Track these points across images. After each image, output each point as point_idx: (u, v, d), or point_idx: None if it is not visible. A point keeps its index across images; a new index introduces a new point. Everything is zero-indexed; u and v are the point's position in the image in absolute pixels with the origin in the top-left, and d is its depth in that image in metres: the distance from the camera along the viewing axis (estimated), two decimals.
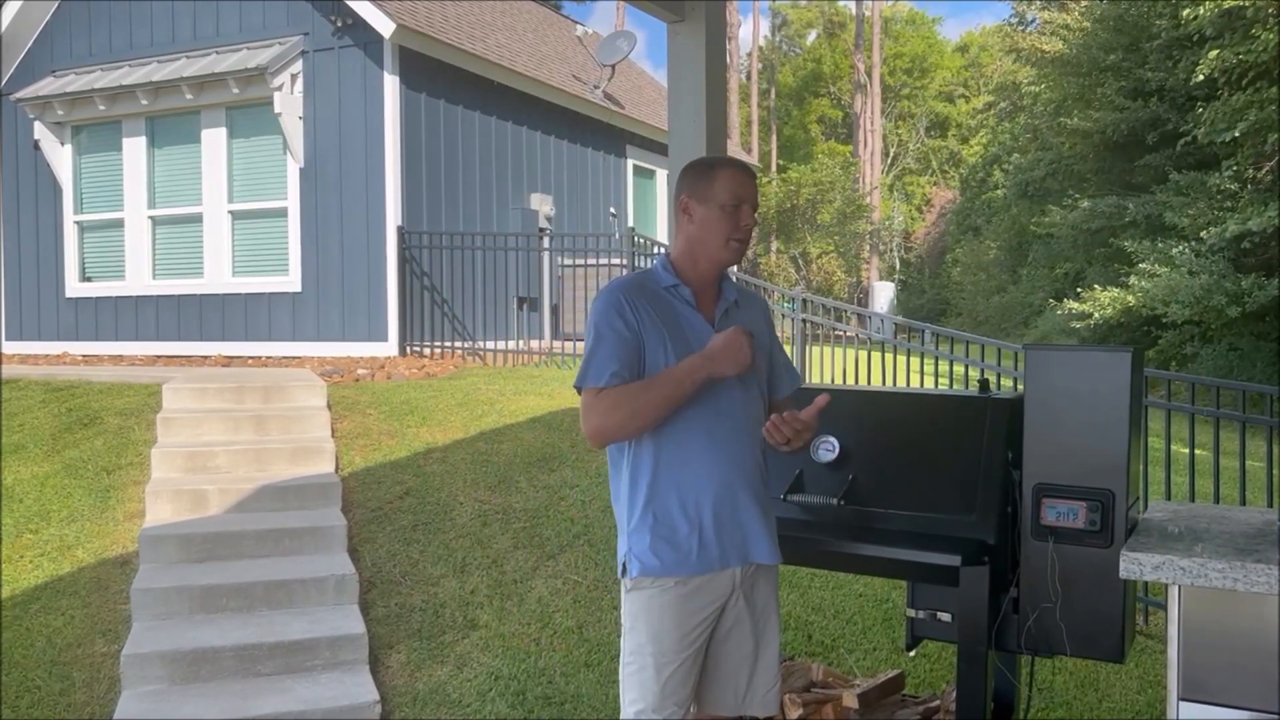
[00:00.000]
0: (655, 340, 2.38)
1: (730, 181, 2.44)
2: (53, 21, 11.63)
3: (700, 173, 2.49)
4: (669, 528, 2.38)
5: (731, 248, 2.46)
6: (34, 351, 11.59)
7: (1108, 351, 2.61)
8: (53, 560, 5.46)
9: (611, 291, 2.43)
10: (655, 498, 2.39)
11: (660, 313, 2.42)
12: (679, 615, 2.38)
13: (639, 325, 2.37)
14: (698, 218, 2.46)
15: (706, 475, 2.39)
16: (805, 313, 8.59)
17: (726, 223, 2.44)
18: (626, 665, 2.44)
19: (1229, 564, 2.04)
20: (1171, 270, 13.26)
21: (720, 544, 2.40)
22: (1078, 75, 17.55)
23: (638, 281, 2.47)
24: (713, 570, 2.40)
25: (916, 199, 40.65)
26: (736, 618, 2.47)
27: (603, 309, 2.40)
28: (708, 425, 2.40)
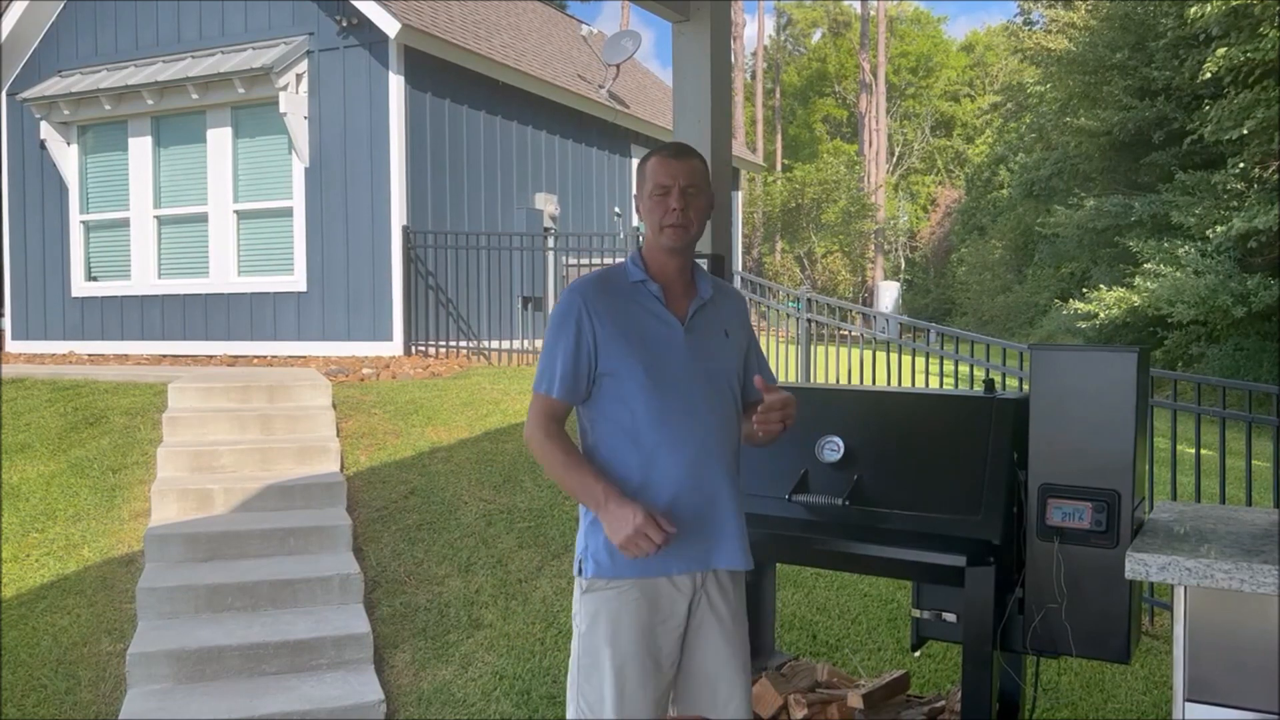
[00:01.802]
0: (612, 339, 2.33)
1: (657, 168, 2.40)
2: (59, 21, 11.65)
3: (639, 170, 2.46)
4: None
5: (666, 234, 2.39)
6: (40, 351, 11.62)
7: (1113, 351, 2.61)
8: (58, 559, 5.47)
9: (570, 293, 2.39)
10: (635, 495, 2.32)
11: (623, 312, 2.37)
12: (637, 618, 2.32)
13: (594, 329, 2.33)
14: (641, 210, 2.44)
15: (671, 475, 2.33)
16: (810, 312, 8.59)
17: (657, 209, 2.39)
18: (581, 668, 2.37)
19: (1235, 565, 2.03)
20: (1177, 270, 13.24)
21: (682, 546, 2.32)
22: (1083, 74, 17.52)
23: (601, 279, 2.43)
24: (671, 573, 2.34)
25: (922, 198, 40.60)
26: (704, 623, 2.40)
27: (560, 311, 2.38)
28: (673, 425, 2.34)
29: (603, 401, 2.37)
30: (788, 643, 4.67)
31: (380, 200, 9.88)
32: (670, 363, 2.36)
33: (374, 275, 9.94)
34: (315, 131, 10.13)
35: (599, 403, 2.37)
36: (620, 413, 2.35)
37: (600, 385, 2.36)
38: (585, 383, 2.36)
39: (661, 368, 2.35)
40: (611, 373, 2.34)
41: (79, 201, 11.53)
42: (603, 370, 2.35)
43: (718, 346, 2.45)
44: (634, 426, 2.34)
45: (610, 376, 2.35)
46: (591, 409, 2.39)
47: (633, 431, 2.34)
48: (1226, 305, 12.44)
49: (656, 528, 2.21)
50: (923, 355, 8.29)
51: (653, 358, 2.35)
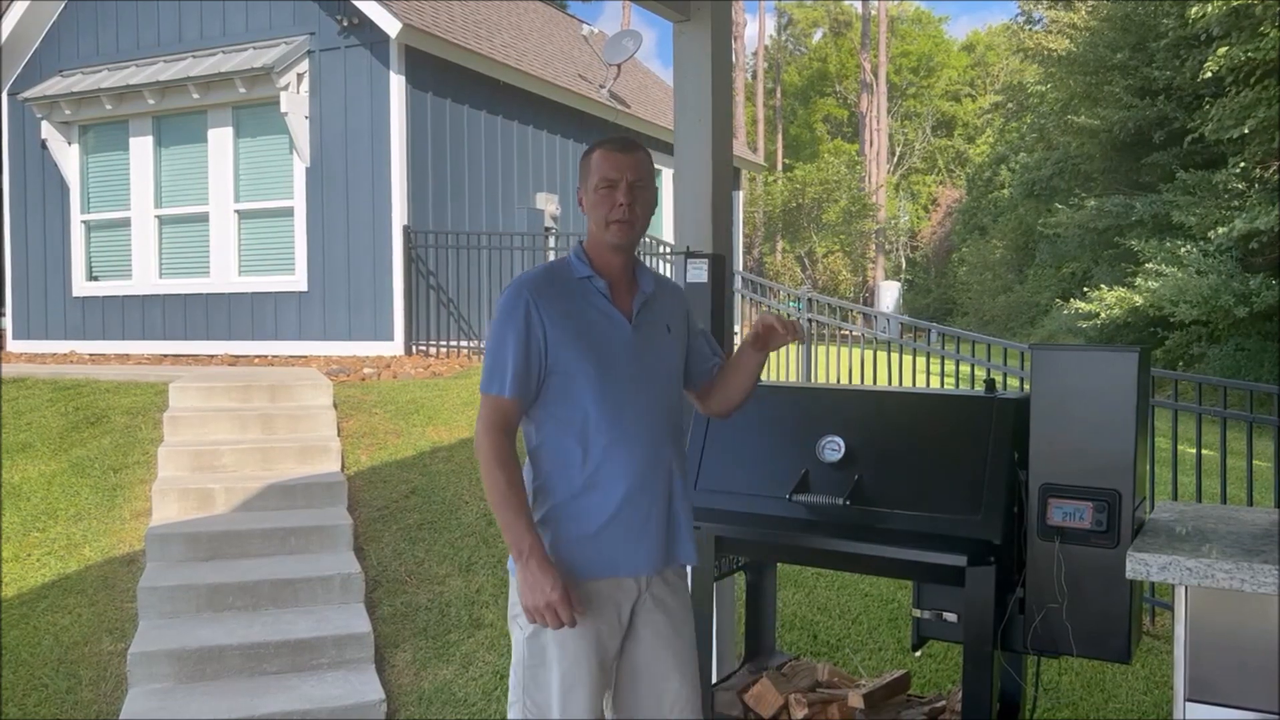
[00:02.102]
0: (561, 336, 2.27)
1: (602, 162, 2.33)
2: (60, 21, 11.66)
3: (583, 163, 2.39)
4: (576, 526, 2.30)
5: (611, 230, 2.33)
6: (41, 350, 11.63)
7: (1114, 351, 2.61)
8: (60, 559, 5.47)
9: (517, 288, 2.31)
10: (557, 495, 2.31)
11: (570, 308, 2.31)
12: (585, 619, 2.27)
13: (543, 326, 2.27)
14: (587, 205, 2.37)
15: (624, 475, 2.29)
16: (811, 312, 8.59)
17: (603, 204, 2.33)
18: (527, 669, 2.32)
19: (1236, 564, 2.03)
20: (1179, 270, 13.24)
21: (629, 549, 2.31)
22: (1084, 74, 17.52)
23: (547, 275, 2.36)
24: (617, 575, 2.32)
25: (923, 198, 40.59)
26: (649, 623, 2.37)
27: (506, 307, 2.30)
28: (626, 424, 2.30)
29: (551, 402, 2.31)
30: (788, 642, 4.67)
31: (381, 200, 9.88)
32: (620, 360, 2.32)
33: (375, 275, 9.95)
34: (316, 131, 10.13)
35: (546, 403, 2.31)
36: (569, 413, 2.30)
37: (548, 384, 2.30)
38: (535, 381, 2.28)
39: (611, 366, 2.31)
40: (561, 371, 2.28)
41: (80, 201, 11.54)
42: (552, 368, 2.28)
43: (662, 343, 2.43)
44: (584, 426, 2.29)
45: (559, 375, 2.29)
46: (539, 409, 2.32)
47: (583, 432, 2.29)
48: (1228, 305, 12.43)
49: (567, 609, 2.18)
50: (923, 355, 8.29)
51: (602, 355, 2.30)
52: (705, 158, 3.76)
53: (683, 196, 3.83)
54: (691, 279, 3.63)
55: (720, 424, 3.05)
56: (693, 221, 3.77)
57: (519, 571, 2.22)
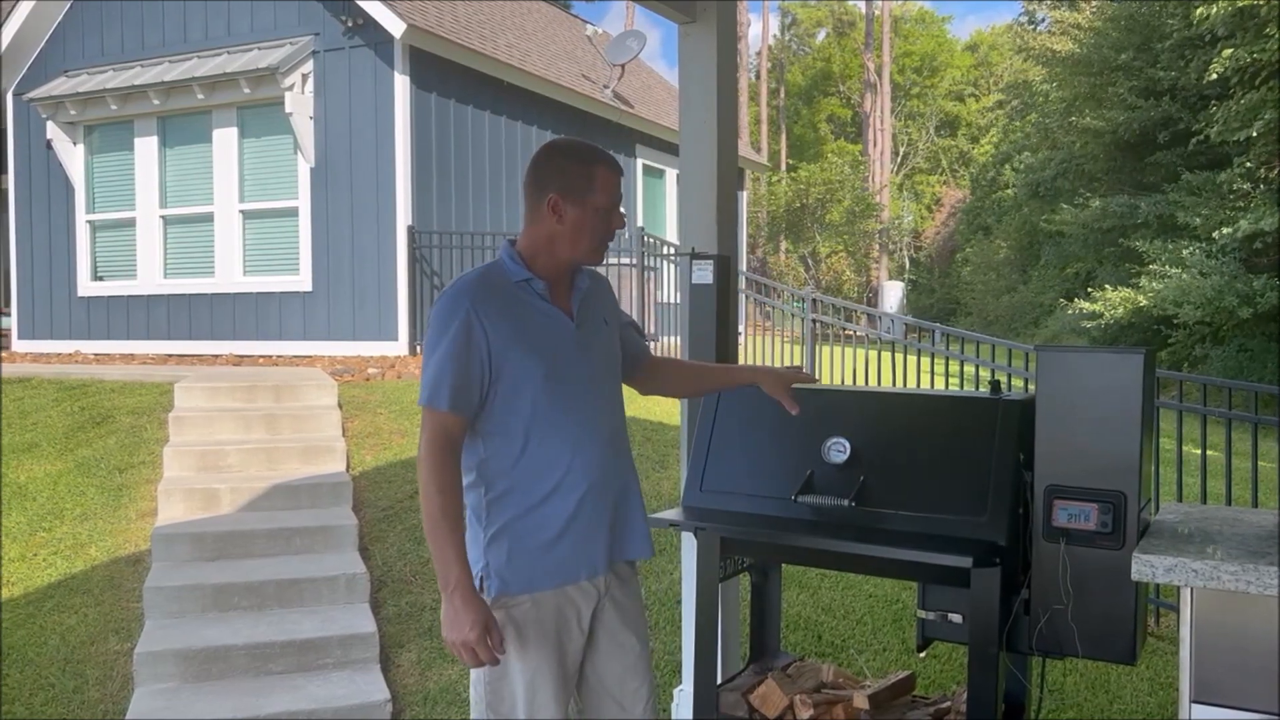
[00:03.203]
0: (506, 343, 2.20)
1: (609, 184, 2.28)
2: (65, 21, 11.68)
3: (577, 169, 2.27)
4: (533, 537, 2.24)
5: (597, 253, 2.31)
6: (46, 350, 11.65)
7: (1119, 353, 2.61)
8: (66, 558, 5.49)
9: (455, 296, 2.21)
10: (514, 507, 2.24)
11: (512, 313, 2.23)
12: (544, 629, 2.25)
13: (485, 334, 2.18)
14: (569, 219, 2.25)
15: (577, 479, 2.25)
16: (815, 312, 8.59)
17: (600, 228, 2.28)
18: (488, 680, 2.26)
19: (1241, 566, 2.04)
20: (1183, 271, 13.22)
21: (587, 551, 2.28)
22: (1089, 74, 17.51)
23: (483, 280, 2.25)
24: (578, 580, 2.28)
25: (926, 198, 40.57)
26: (608, 621, 2.36)
27: (443, 317, 2.19)
28: (578, 426, 2.26)
29: (499, 410, 2.23)
30: (793, 643, 4.68)
31: (385, 200, 9.90)
32: (567, 361, 2.27)
33: (379, 275, 9.96)
34: (321, 131, 10.15)
35: (494, 412, 2.23)
36: (518, 419, 2.23)
37: (495, 392, 2.22)
38: (478, 393, 2.20)
39: (559, 368, 2.25)
40: (507, 377, 2.21)
41: (85, 201, 11.56)
42: (497, 375, 2.20)
43: (602, 337, 2.40)
44: (534, 432, 2.23)
45: (506, 381, 2.21)
46: (486, 421, 2.24)
47: (533, 438, 2.23)
48: (1232, 306, 12.42)
49: (485, 649, 2.12)
50: (928, 356, 8.29)
51: (549, 359, 2.24)
52: (711, 159, 3.76)
53: (688, 198, 3.83)
54: (697, 280, 3.63)
55: (726, 425, 3.05)
56: (698, 223, 3.77)
57: (444, 604, 2.15)
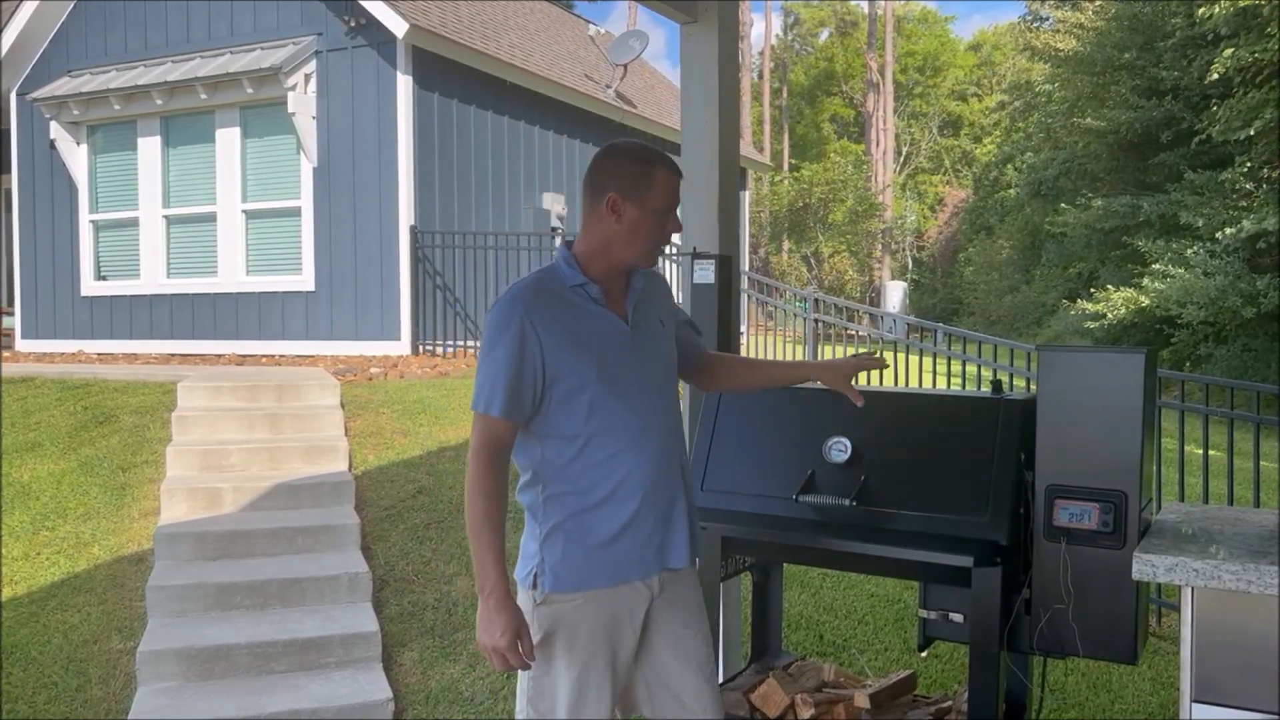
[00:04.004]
0: (560, 349, 2.19)
1: (668, 186, 2.27)
2: (68, 21, 11.70)
3: (638, 169, 2.26)
4: (587, 536, 2.24)
5: (652, 256, 2.30)
6: (50, 349, 11.67)
7: (1121, 352, 2.61)
8: (69, 557, 5.50)
9: (509, 302, 2.21)
10: (570, 506, 2.25)
11: (566, 318, 2.22)
12: (594, 629, 2.24)
13: (539, 340, 2.17)
14: (627, 219, 2.24)
15: (632, 480, 2.24)
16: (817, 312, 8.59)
17: (655, 231, 2.27)
18: (533, 677, 2.27)
19: (1242, 566, 2.04)
20: (1186, 271, 13.21)
21: (640, 552, 2.27)
22: (1091, 74, 17.49)
23: (538, 285, 2.25)
24: (631, 580, 2.28)
25: (929, 198, 40.55)
26: (665, 624, 2.35)
27: (498, 323, 2.19)
28: (632, 430, 2.25)
29: (554, 414, 2.22)
30: (795, 643, 4.68)
31: (388, 200, 9.91)
32: (621, 365, 2.26)
33: (382, 275, 9.97)
34: (323, 131, 10.16)
35: (548, 419, 2.23)
36: (575, 423, 2.22)
37: (550, 396, 2.21)
38: (530, 399, 2.19)
39: (614, 372, 2.24)
40: (562, 384, 2.20)
41: (88, 201, 11.58)
42: (551, 383, 2.19)
43: (658, 339, 2.39)
44: (590, 435, 2.22)
45: (560, 389, 2.20)
46: (542, 424, 2.24)
47: (589, 441, 2.23)
48: (1235, 306, 12.41)
49: (516, 655, 2.14)
50: (930, 355, 8.29)
51: (604, 363, 2.23)
52: (713, 159, 3.77)
53: (690, 197, 3.83)
54: (699, 280, 3.63)
55: (727, 425, 3.06)
56: (700, 222, 3.78)
57: (480, 605, 2.17)
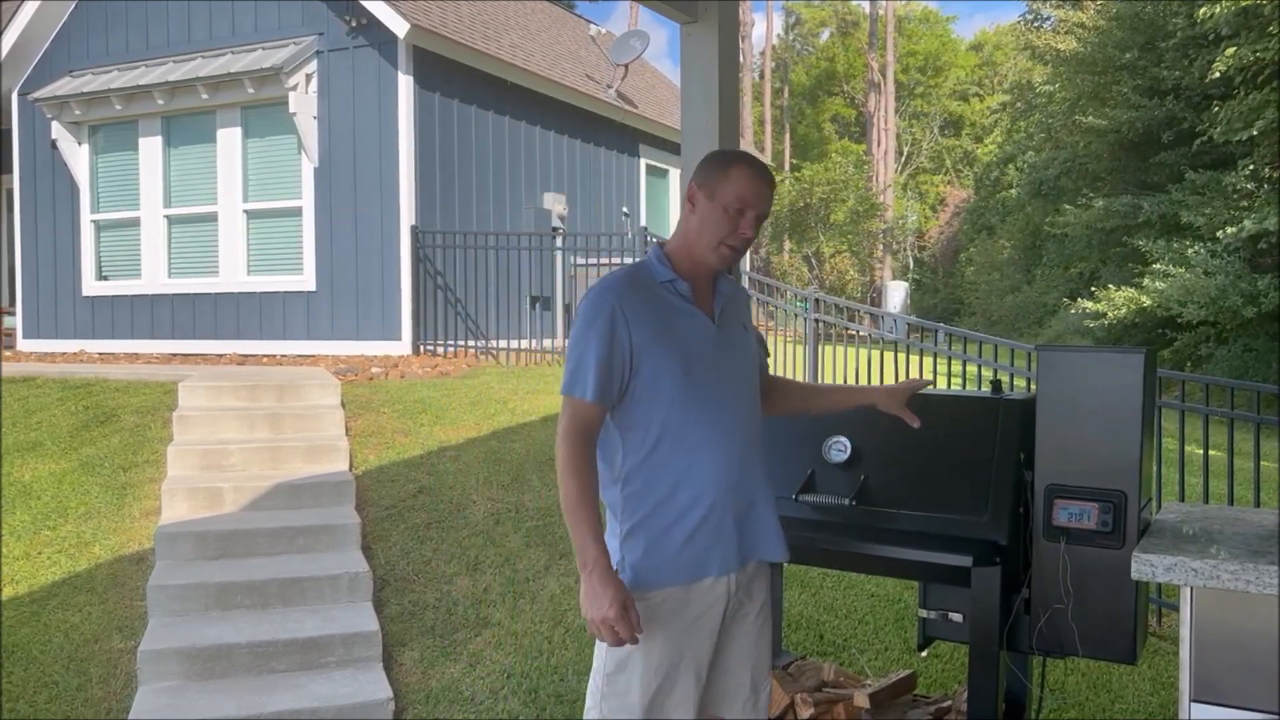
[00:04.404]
0: (648, 340, 2.22)
1: (741, 182, 2.27)
2: (70, 21, 11.71)
3: (716, 164, 2.32)
4: (669, 532, 2.25)
5: (721, 253, 2.30)
6: (51, 349, 11.68)
7: (1120, 353, 2.62)
8: (70, 557, 5.50)
9: (602, 290, 2.25)
10: (650, 503, 2.25)
11: (655, 311, 2.26)
12: (673, 626, 2.24)
13: (629, 328, 2.21)
14: (699, 210, 2.30)
15: (712, 476, 2.25)
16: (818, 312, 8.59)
17: (724, 225, 2.28)
18: (608, 676, 2.26)
19: (1241, 566, 2.04)
20: (1187, 270, 13.21)
21: (719, 549, 2.27)
22: (1092, 74, 17.49)
23: (631, 278, 2.29)
24: (711, 576, 2.28)
25: (930, 198, 40.54)
26: (739, 620, 2.36)
27: (591, 310, 2.24)
28: (714, 425, 2.27)
29: (637, 406, 2.25)
30: (794, 642, 4.68)
31: (389, 200, 9.91)
32: (706, 361, 2.29)
33: (383, 275, 9.98)
34: (324, 131, 10.17)
35: (631, 409, 2.25)
36: (657, 414, 2.24)
37: (634, 389, 2.24)
38: (619, 385, 2.22)
39: (699, 367, 2.27)
40: (648, 374, 2.23)
41: (90, 201, 11.59)
42: (637, 372, 2.23)
43: (741, 341, 2.42)
44: (673, 429, 2.24)
45: (646, 378, 2.23)
46: (624, 416, 2.26)
47: (672, 435, 2.24)
48: (1236, 306, 12.40)
49: (625, 627, 2.13)
50: (931, 356, 8.29)
51: (689, 357, 2.26)
52: None
53: None
54: None
55: None
56: None
57: (582, 582, 2.18)
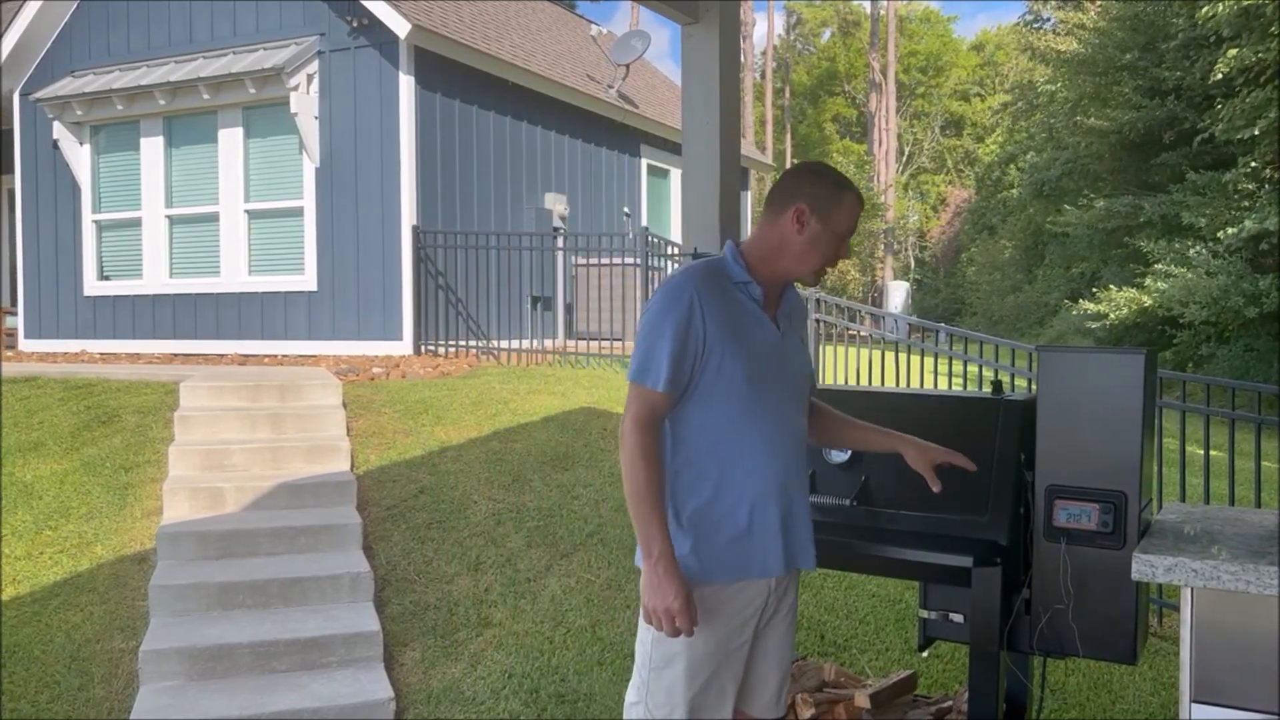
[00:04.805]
0: (719, 336, 2.24)
1: (853, 211, 2.35)
2: (72, 22, 11.72)
3: (830, 188, 2.34)
4: (717, 531, 2.28)
5: (817, 275, 2.37)
6: (52, 349, 11.69)
7: (1121, 353, 2.62)
8: (72, 557, 5.51)
9: (683, 280, 2.27)
10: (701, 498, 2.28)
11: (729, 309, 2.28)
12: (716, 622, 2.28)
13: (704, 322, 2.23)
14: (809, 232, 2.32)
15: (762, 479, 2.29)
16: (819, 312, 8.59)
17: (828, 250, 2.34)
18: (653, 670, 2.29)
19: (1241, 566, 2.04)
20: (1188, 270, 13.21)
21: (765, 550, 2.31)
22: (1094, 74, 17.50)
23: (708, 271, 2.31)
24: (753, 576, 2.32)
25: (931, 198, 40.54)
26: (772, 622, 2.41)
27: (669, 298, 2.25)
28: (768, 430, 2.30)
29: (698, 399, 2.27)
30: (796, 642, 4.68)
31: (390, 200, 9.92)
32: (768, 366, 2.32)
33: (384, 275, 9.98)
34: (326, 131, 10.17)
35: (694, 400, 2.27)
36: (712, 419, 2.27)
37: (698, 383, 2.26)
38: (687, 377, 2.24)
39: (760, 370, 2.29)
40: (711, 371, 2.25)
41: (91, 201, 11.60)
42: (703, 368, 2.25)
43: (799, 353, 2.45)
44: (727, 433, 2.27)
45: (709, 375, 2.25)
46: (684, 410, 2.28)
47: (724, 438, 2.28)
48: (1238, 306, 12.41)
49: (686, 619, 2.16)
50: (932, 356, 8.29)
51: (754, 360, 2.28)
52: (714, 159, 3.78)
53: (691, 197, 3.85)
54: None
55: None
56: (700, 222, 3.79)
57: (646, 572, 2.19)
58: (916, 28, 43.89)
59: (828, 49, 46.37)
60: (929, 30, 44.31)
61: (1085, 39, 18.49)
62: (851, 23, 44.91)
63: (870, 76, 39.25)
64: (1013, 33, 32.67)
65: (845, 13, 45.28)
